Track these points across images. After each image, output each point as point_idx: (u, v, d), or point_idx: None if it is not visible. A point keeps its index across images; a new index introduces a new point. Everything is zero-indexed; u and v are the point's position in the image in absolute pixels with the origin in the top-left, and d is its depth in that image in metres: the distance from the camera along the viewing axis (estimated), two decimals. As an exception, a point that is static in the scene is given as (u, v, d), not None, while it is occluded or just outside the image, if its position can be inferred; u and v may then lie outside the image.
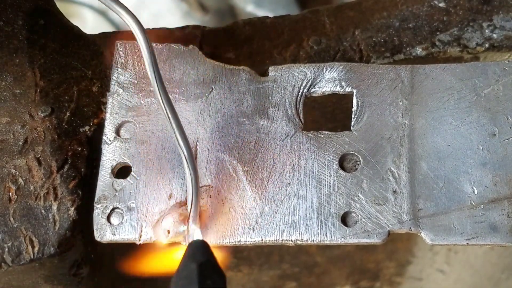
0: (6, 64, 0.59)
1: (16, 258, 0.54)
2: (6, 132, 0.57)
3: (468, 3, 0.63)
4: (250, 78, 0.58)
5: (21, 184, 0.56)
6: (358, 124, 0.56)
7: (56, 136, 0.57)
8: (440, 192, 0.53)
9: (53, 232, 0.54)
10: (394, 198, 0.53)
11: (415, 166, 0.54)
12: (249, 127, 0.57)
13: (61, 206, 0.55)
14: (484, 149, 0.54)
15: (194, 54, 0.59)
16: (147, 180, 0.55)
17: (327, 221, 0.53)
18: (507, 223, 0.52)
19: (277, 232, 0.53)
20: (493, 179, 0.53)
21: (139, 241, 0.54)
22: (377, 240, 0.53)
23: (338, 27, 0.63)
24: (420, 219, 0.53)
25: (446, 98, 0.56)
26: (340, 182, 0.54)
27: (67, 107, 0.59)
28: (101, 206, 0.54)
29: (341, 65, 0.58)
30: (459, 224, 0.52)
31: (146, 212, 0.54)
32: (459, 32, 0.62)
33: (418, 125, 0.56)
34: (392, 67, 0.57)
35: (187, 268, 0.47)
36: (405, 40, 0.62)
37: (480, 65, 0.57)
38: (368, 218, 0.53)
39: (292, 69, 0.58)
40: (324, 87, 0.58)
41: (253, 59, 0.62)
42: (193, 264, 0.46)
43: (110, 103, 0.58)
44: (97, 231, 0.54)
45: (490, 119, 0.55)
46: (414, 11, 0.63)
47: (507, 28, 0.61)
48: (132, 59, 0.59)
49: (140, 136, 0.57)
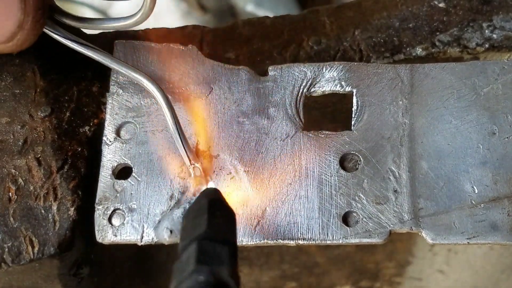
0: (6, 64, 0.59)
1: (16, 258, 0.54)
2: (6, 132, 0.57)
3: (468, 3, 0.63)
4: (250, 78, 0.58)
5: (21, 184, 0.56)
6: (358, 124, 0.56)
7: (56, 136, 0.57)
8: (441, 191, 0.53)
9: (53, 232, 0.54)
10: (395, 198, 0.53)
11: (415, 166, 0.54)
12: (249, 127, 0.57)
13: (61, 206, 0.55)
14: (484, 148, 0.54)
15: (193, 54, 0.59)
16: (148, 181, 0.55)
17: (328, 221, 0.53)
18: (507, 222, 0.52)
19: (279, 233, 0.53)
20: (493, 178, 0.53)
21: (140, 242, 0.54)
22: (379, 240, 0.53)
23: (338, 27, 0.63)
24: (421, 219, 0.53)
25: (446, 97, 0.56)
26: (341, 182, 0.54)
27: (67, 107, 0.59)
28: (102, 207, 0.54)
29: (341, 64, 0.58)
30: (460, 223, 0.52)
31: (148, 213, 0.54)
32: (459, 32, 0.62)
33: (418, 124, 0.56)
34: (391, 66, 0.58)
35: (198, 203, 0.49)
36: (405, 40, 0.62)
37: (479, 64, 0.57)
38: (369, 217, 0.53)
39: (292, 69, 0.58)
40: (324, 86, 0.58)
41: (253, 59, 0.62)
42: (204, 200, 0.49)
43: (110, 104, 0.58)
44: (98, 232, 0.54)
45: (489, 118, 0.55)
46: (414, 11, 0.63)
47: (507, 28, 0.61)
48: (131, 59, 0.59)
49: (140, 137, 0.57)
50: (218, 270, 0.42)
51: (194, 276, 0.41)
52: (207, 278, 0.41)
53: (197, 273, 0.41)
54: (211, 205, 0.47)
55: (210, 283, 0.41)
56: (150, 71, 0.58)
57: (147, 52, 0.59)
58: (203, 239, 0.44)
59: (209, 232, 0.45)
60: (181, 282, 0.41)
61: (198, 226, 0.45)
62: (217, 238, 0.44)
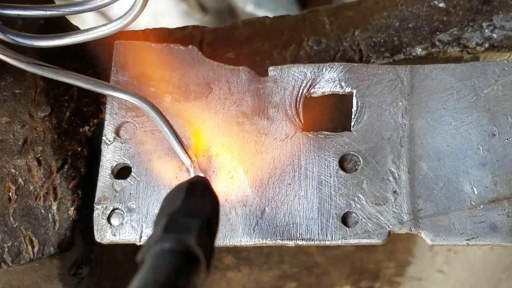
0: (6, 64, 0.59)
1: (16, 258, 0.54)
2: (6, 132, 0.57)
3: (468, 3, 0.63)
4: (250, 78, 0.58)
5: (21, 184, 0.56)
6: (358, 125, 0.56)
7: (56, 136, 0.57)
8: (440, 192, 0.53)
9: (53, 232, 0.54)
10: (394, 199, 0.53)
11: (415, 167, 0.54)
12: (249, 127, 0.57)
13: (61, 206, 0.55)
14: (484, 149, 0.54)
15: (193, 54, 0.59)
16: (147, 181, 0.55)
17: (327, 221, 0.53)
18: (507, 223, 0.52)
19: (278, 233, 0.53)
20: (493, 179, 0.53)
21: (139, 242, 0.54)
22: (378, 241, 0.53)
23: (338, 27, 0.63)
24: (420, 220, 0.53)
25: (446, 98, 0.56)
26: (340, 183, 0.54)
27: (67, 107, 0.59)
28: (101, 207, 0.54)
29: (340, 65, 0.58)
30: (459, 224, 0.52)
31: (147, 213, 0.54)
32: (459, 32, 0.62)
33: (418, 126, 0.56)
34: (391, 67, 0.57)
35: (180, 185, 0.48)
36: (405, 40, 0.62)
37: (479, 65, 0.57)
38: (368, 218, 0.53)
39: (292, 69, 0.58)
40: (324, 87, 0.58)
41: (253, 59, 0.62)
42: (185, 182, 0.47)
43: (110, 104, 0.58)
44: (97, 232, 0.54)
45: (489, 119, 0.55)
46: (414, 11, 0.63)
47: (507, 28, 0.61)
48: (131, 59, 0.59)
49: (140, 137, 0.57)
50: (184, 237, 0.40)
51: (160, 243, 0.40)
52: (173, 245, 0.40)
53: (162, 240, 0.40)
54: (190, 186, 0.46)
55: (176, 250, 0.39)
56: (150, 71, 0.58)
57: (147, 52, 0.59)
58: (175, 213, 0.43)
59: (182, 208, 0.43)
60: (148, 250, 0.40)
61: (173, 203, 0.44)
62: (190, 213, 0.43)
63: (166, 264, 0.39)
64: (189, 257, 0.40)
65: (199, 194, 0.46)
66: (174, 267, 0.39)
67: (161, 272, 0.38)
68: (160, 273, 0.38)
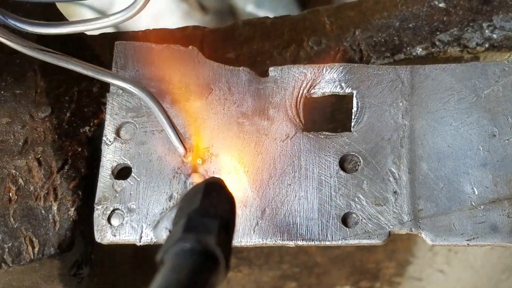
0: (7, 64, 0.59)
1: (16, 259, 0.54)
2: (6, 132, 0.57)
3: (468, 3, 0.63)
4: (250, 79, 0.58)
5: (21, 184, 0.56)
6: (358, 125, 0.56)
7: (56, 137, 0.57)
8: (441, 192, 0.53)
9: (53, 233, 0.54)
10: (394, 199, 0.53)
11: (415, 167, 0.54)
12: (249, 128, 0.57)
13: (61, 207, 0.55)
14: (484, 149, 0.54)
15: (193, 55, 0.59)
16: (147, 181, 0.55)
17: (327, 222, 0.53)
18: (507, 224, 0.52)
19: (278, 233, 0.53)
20: (493, 179, 0.53)
21: (139, 243, 0.54)
22: (378, 241, 0.53)
23: (338, 27, 0.63)
24: (420, 220, 0.53)
25: (446, 98, 0.56)
26: (341, 183, 0.54)
27: (67, 108, 0.59)
28: (102, 207, 0.54)
29: (341, 66, 0.58)
30: (460, 224, 0.52)
31: (147, 213, 0.54)
32: (459, 32, 0.62)
33: (418, 126, 0.56)
34: (392, 68, 0.57)
35: (197, 186, 0.49)
36: (405, 40, 0.62)
37: (479, 65, 0.57)
38: (368, 219, 0.53)
39: (292, 70, 0.58)
40: (324, 88, 0.58)
41: (253, 60, 0.62)
42: (202, 183, 0.48)
43: (110, 104, 0.58)
44: (97, 232, 0.54)
45: (490, 119, 0.55)
46: (414, 11, 0.63)
47: (507, 28, 0.61)
48: (131, 59, 0.59)
49: (140, 137, 0.57)
50: (204, 238, 0.41)
51: (180, 243, 0.41)
52: (193, 245, 0.40)
53: (183, 240, 0.41)
54: (207, 187, 0.47)
55: (196, 250, 0.40)
56: (151, 72, 0.58)
57: (147, 53, 0.59)
58: (194, 214, 0.44)
59: (201, 208, 0.44)
60: (168, 249, 0.41)
61: (191, 204, 0.45)
62: (209, 214, 0.44)
63: (187, 264, 0.40)
64: (209, 257, 0.41)
65: (215, 194, 0.47)
66: (195, 267, 0.40)
67: (182, 272, 0.39)
68: (181, 273, 0.39)
